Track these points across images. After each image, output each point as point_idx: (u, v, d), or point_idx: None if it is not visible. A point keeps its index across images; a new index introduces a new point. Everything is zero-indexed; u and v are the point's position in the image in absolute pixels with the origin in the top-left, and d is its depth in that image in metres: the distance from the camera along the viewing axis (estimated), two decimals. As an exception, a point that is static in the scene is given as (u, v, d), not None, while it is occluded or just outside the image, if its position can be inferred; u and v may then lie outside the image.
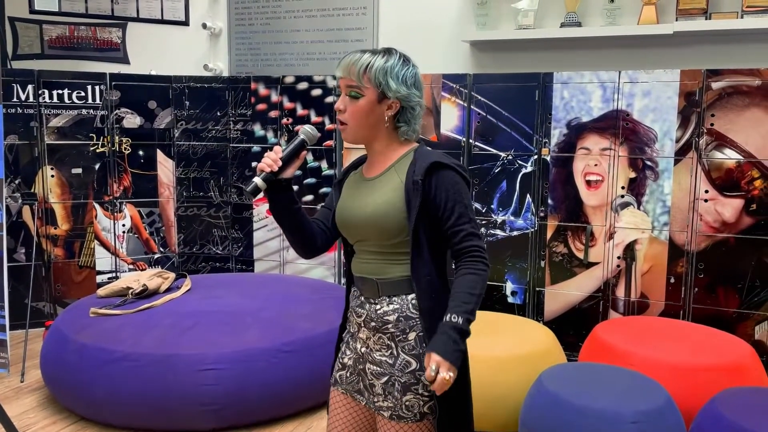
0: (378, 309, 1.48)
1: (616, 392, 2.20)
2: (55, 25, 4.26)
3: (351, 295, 1.60)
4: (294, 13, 4.29)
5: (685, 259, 3.10)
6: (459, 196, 1.42)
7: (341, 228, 1.56)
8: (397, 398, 1.45)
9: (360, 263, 1.53)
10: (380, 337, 1.48)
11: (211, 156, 4.11)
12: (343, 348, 1.60)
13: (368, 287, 1.51)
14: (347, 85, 1.45)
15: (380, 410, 1.48)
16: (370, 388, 1.50)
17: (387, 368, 1.47)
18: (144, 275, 3.17)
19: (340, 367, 1.59)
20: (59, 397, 2.81)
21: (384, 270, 1.48)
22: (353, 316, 1.57)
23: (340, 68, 1.46)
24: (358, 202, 1.51)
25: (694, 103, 3.02)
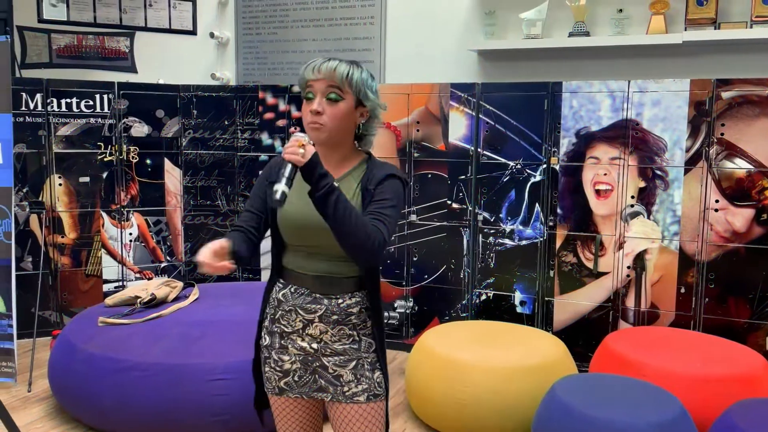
0: (341, 303, 1.54)
1: (630, 403, 2.18)
2: (63, 34, 4.28)
3: (286, 294, 1.57)
4: (301, 22, 4.30)
5: (696, 269, 3.09)
6: (393, 197, 1.49)
7: (293, 232, 1.55)
8: (370, 377, 1.55)
9: (314, 263, 1.55)
10: (341, 328, 1.55)
11: (219, 165, 4.11)
12: (274, 356, 1.58)
13: (327, 284, 1.54)
14: (329, 86, 1.47)
15: (355, 397, 1.53)
16: (337, 380, 1.54)
17: (353, 353, 1.55)
18: (152, 284, 3.16)
19: (281, 376, 1.58)
20: (67, 406, 2.79)
21: (346, 269, 1.55)
22: (298, 314, 1.55)
23: (315, 71, 1.47)
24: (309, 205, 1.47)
25: (704, 112, 3.02)
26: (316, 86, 1.48)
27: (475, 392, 2.56)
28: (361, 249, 1.39)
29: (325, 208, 1.37)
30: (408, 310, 3.68)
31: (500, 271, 3.45)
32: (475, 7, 3.83)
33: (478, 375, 2.57)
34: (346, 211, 1.37)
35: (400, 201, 1.52)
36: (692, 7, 3.24)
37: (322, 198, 1.36)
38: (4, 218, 3.12)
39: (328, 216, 1.37)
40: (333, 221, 1.37)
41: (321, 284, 1.55)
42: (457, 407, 2.59)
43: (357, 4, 4.15)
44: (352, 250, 1.41)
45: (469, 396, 2.56)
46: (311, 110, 1.48)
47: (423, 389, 2.72)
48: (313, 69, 1.48)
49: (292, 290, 1.57)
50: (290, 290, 1.57)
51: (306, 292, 1.55)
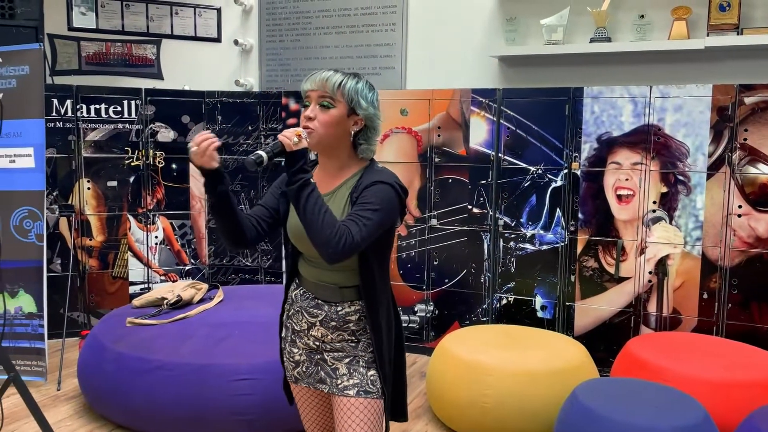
0: (339, 310, 1.61)
1: (653, 408, 2.18)
2: (92, 42, 4.39)
3: (297, 294, 1.67)
4: (323, 29, 4.36)
5: (719, 274, 3.08)
6: (377, 201, 1.49)
7: (296, 242, 1.64)
8: (363, 374, 1.61)
9: (318, 272, 1.62)
10: (340, 334, 1.62)
11: (243, 169, 4.18)
12: (288, 348, 1.70)
13: (329, 293, 1.62)
14: (320, 96, 1.54)
15: (345, 390, 1.60)
16: (333, 373, 1.62)
17: (350, 351, 1.62)
18: (178, 286, 3.23)
19: (294, 366, 1.69)
20: (96, 404, 2.86)
21: (345, 279, 1.61)
22: (304, 316, 1.64)
23: (311, 82, 1.55)
24: None
25: (726, 117, 3.02)
26: (311, 95, 1.55)
27: (497, 395, 2.58)
28: (327, 246, 1.41)
29: (297, 201, 1.42)
30: (428, 313, 3.70)
31: (521, 276, 3.46)
32: (496, 14, 3.86)
33: (500, 378, 2.59)
34: (316, 207, 1.42)
35: (387, 205, 1.50)
36: (714, 12, 3.24)
37: (296, 190, 1.42)
38: (37, 221, 3.21)
39: (299, 209, 1.42)
40: (303, 215, 1.42)
41: (321, 291, 1.63)
42: (478, 410, 2.61)
43: (378, 11, 4.20)
44: (319, 246, 1.43)
45: (490, 399, 2.58)
46: (304, 115, 1.56)
47: (444, 392, 2.74)
48: (310, 80, 1.56)
49: (301, 292, 1.67)
50: (300, 292, 1.67)
51: (310, 296, 1.64)
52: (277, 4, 4.47)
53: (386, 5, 4.17)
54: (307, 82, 1.57)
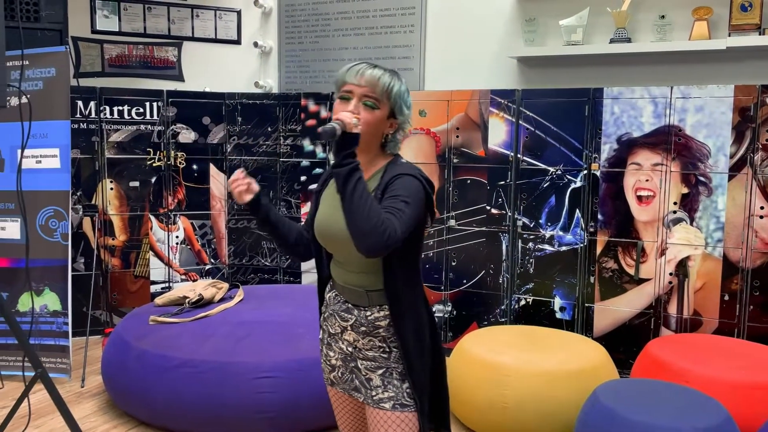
0: (369, 315, 1.56)
1: (674, 409, 2.18)
2: (115, 45, 4.46)
3: (330, 297, 1.65)
4: (342, 31, 4.39)
5: (740, 276, 3.05)
6: (406, 194, 1.43)
7: (323, 241, 1.58)
8: (398, 386, 1.53)
9: (345, 273, 1.58)
10: (371, 339, 1.56)
11: (262, 170, 4.22)
12: (325, 350, 1.67)
13: (357, 296, 1.57)
14: (366, 95, 1.48)
15: (381, 403, 1.52)
16: (367, 383, 1.56)
17: (382, 362, 1.55)
18: (199, 285, 3.27)
19: (330, 369, 1.65)
20: (119, 401, 2.91)
21: (373, 282, 1.54)
22: (336, 319, 1.61)
23: (357, 77, 1.48)
24: (334, 217, 1.52)
25: (748, 118, 3.00)
26: (356, 90, 1.48)
27: (516, 396, 2.58)
28: (370, 236, 1.32)
29: (345, 184, 1.34)
30: (446, 314, 3.71)
31: (539, 277, 3.46)
32: (515, 15, 3.87)
33: (519, 379, 2.59)
34: (363, 195, 1.34)
35: (416, 199, 1.44)
36: (736, 12, 3.22)
37: (347, 173, 1.35)
38: (62, 220, 3.27)
39: (346, 193, 1.34)
40: (349, 200, 1.34)
41: (351, 296, 1.58)
42: (497, 411, 2.61)
43: (397, 12, 4.22)
44: (361, 237, 1.34)
45: (509, 400, 2.59)
46: (348, 111, 1.46)
47: (463, 392, 2.75)
48: (356, 73, 1.49)
49: (333, 295, 1.64)
50: (333, 294, 1.64)
51: (341, 299, 1.61)
52: (296, 7, 4.51)
53: (405, 6, 4.19)
54: (352, 75, 1.49)
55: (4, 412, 2.90)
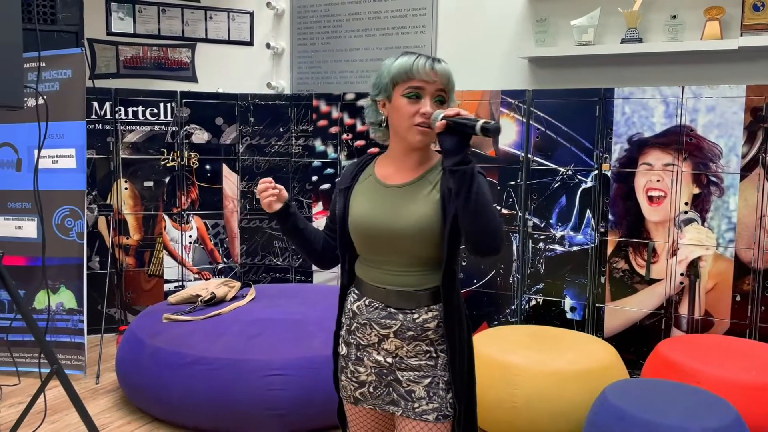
0: (417, 318, 1.47)
1: (683, 409, 2.18)
2: (129, 46, 4.51)
3: (361, 306, 1.53)
4: (354, 32, 4.42)
5: (752, 276, 3.04)
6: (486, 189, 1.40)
7: (366, 239, 1.49)
8: (443, 397, 1.47)
9: (386, 274, 1.49)
10: (417, 344, 1.48)
11: (274, 170, 4.26)
12: (351, 367, 1.54)
13: (404, 298, 1.48)
14: (439, 90, 1.42)
15: (424, 415, 1.46)
16: (409, 395, 1.48)
17: (429, 370, 1.48)
18: (212, 284, 3.31)
19: (357, 386, 1.54)
20: (133, 397, 2.95)
21: (421, 281, 1.48)
22: (373, 328, 1.50)
23: (435, 73, 1.40)
24: (391, 212, 1.46)
25: (760, 118, 2.98)
26: (427, 88, 1.41)
27: (526, 395, 2.59)
28: (497, 235, 1.32)
29: (472, 182, 1.31)
30: (457, 314, 3.72)
31: (550, 277, 3.46)
32: (526, 15, 3.87)
33: (529, 378, 2.60)
34: (487, 193, 1.32)
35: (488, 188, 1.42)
36: (748, 12, 3.20)
37: (473, 172, 1.32)
38: (78, 219, 3.32)
39: (473, 193, 1.31)
40: (477, 201, 1.31)
41: (396, 299, 1.48)
42: (508, 410, 2.62)
43: (408, 13, 4.24)
44: (490, 236, 1.32)
45: (519, 399, 2.60)
46: (423, 112, 1.41)
47: (473, 390, 2.76)
48: (428, 68, 1.40)
49: (366, 303, 1.52)
50: (364, 303, 1.52)
51: (380, 306, 1.49)
52: (308, 8, 4.54)
53: (416, 8, 4.21)
54: (422, 70, 1.39)
55: (20, 407, 2.95)
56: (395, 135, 1.50)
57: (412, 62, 1.40)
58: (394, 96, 1.44)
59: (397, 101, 1.44)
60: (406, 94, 1.42)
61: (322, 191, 4.14)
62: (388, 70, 1.45)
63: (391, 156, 1.55)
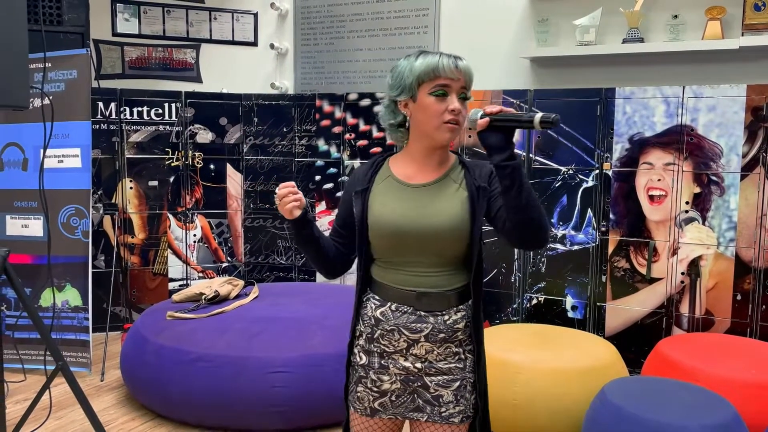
0: (447, 320, 1.47)
1: (682, 406, 2.19)
2: (135, 47, 4.55)
3: (385, 312, 1.49)
4: (357, 32, 4.44)
5: (753, 275, 3.05)
6: None
7: (392, 239, 1.46)
8: (468, 399, 1.48)
9: (414, 277, 1.47)
10: (448, 346, 1.48)
11: (277, 170, 4.29)
12: (372, 376, 1.50)
13: (436, 300, 1.46)
14: (463, 87, 1.43)
15: (451, 418, 1.47)
16: (436, 400, 1.47)
17: (458, 373, 1.48)
18: (215, 282, 3.34)
19: (377, 396, 1.49)
20: (137, 394, 2.98)
21: (450, 281, 1.47)
22: (402, 334, 1.47)
23: (459, 70, 1.41)
24: (420, 211, 1.45)
25: (761, 118, 2.99)
26: (453, 85, 1.41)
27: (526, 393, 2.61)
28: (544, 228, 1.34)
29: (522, 177, 1.32)
30: (459, 312, 3.74)
31: (551, 276, 3.48)
32: (528, 15, 3.89)
33: (530, 376, 2.62)
34: (531, 188, 1.34)
35: None
36: (749, 12, 3.21)
37: (520, 166, 1.33)
38: (83, 218, 3.36)
39: (525, 188, 1.32)
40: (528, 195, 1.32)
41: (426, 301, 1.46)
42: (508, 407, 2.64)
43: (411, 14, 4.26)
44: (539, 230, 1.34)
45: (520, 397, 2.61)
46: (452, 109, 1.41)
47: (474, 388, 2.78)
48: (452, 67, 1.40)
49: (392, 308, 1.47)
50: (390, 308, 1.48)
51: (409, 310, 1.46)
52: (311, 9, 4.57)
53: (419, 8, 4.23)
54: (447, 68, 1.40)
55: (26, 404, 2.99)
56: (419, 134, 1.47)
57: (437, 61, 1.40)
58: (420, 95, 1.43)
59: (424, 99, 1.42)
60: (433, 92, 1.41)
61: (326, 190, 4.17)
62: (410, 69, 1.43)
63: (410, 156, 1.52)
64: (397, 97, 1.47)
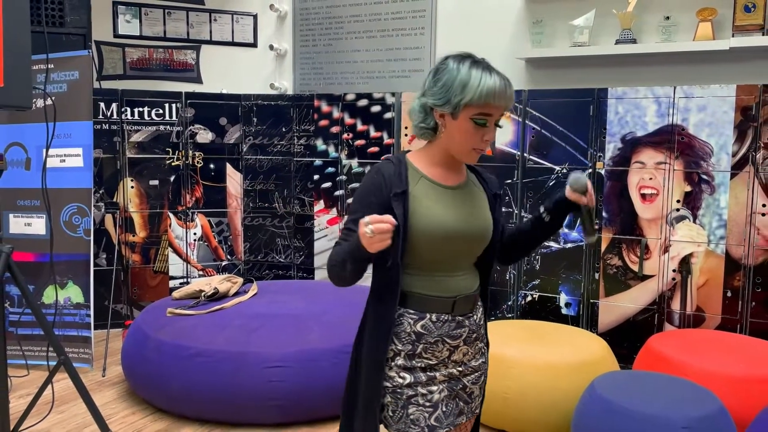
0: (477, 319, 1.52)
1: (668, 399, 2.24)
2: (136, 48, 4.61)
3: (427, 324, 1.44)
4: (355, 34, 4.50)
5: (742, 272, 3.10)
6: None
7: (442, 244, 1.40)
8: (483, 389, 1.58)
9: (454, 281, 1.45)
10: (477, 344, 1.54)
11: (276, 169, 4.34)
12: (422, 390, 1.43)
13: (470, 302, 1.49)
14: (502, 112, 1.41)
15: (476, 410, 1.55)
16: (470, 397, 1.51)
17: (482, 367, 1.56)
18: (215, 279, 3.40)
19: (431, 411, 1.43)
20: (138, 389, 3.04)
21: (476, 281, 1.52)
22: (445, 343, 1.45)
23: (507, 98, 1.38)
24: (467, 214, 1.44)
25: (750, 117, 3.04)
26: (496, 114, 1.38)
27: (518, 387, 2.66)
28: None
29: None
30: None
31: (545, 273, 3.53)
32: (523, 17, 3.94)
33: (522, 371, 2.67)
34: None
35: None
36: (740, 13, 3.26)
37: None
38: (84, 216, 3.42)
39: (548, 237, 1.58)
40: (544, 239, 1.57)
41: (463, 305, 1.46)
42: (500, 401, 2.70)
43: (408, 15, 4.32)
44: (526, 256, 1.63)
45: (511, 390, 2.67)
46: (487, 139, 1.40)
47: (467, 383, 2.83)
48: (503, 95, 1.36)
49: (433, 319, 1.43)
50: (430, 320, 1.43)
51: (449, 318, 1.44)
52: (310, 10, 4.63)
53: (415, 10, 4.28)
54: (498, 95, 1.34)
55: (29, 398, 3.05)
56: (446, 145, 1.44)
57: (493, 88, 1.34)
58: (461, 115, 1.37)
59: (463, 123, 1.37)
60: (476, 120, 1.36)
61: (324, 189, 4.22)
62: (462, 87, 1.36)
63: (432, 156, 1.48)
64: (439, 108, 1.40)
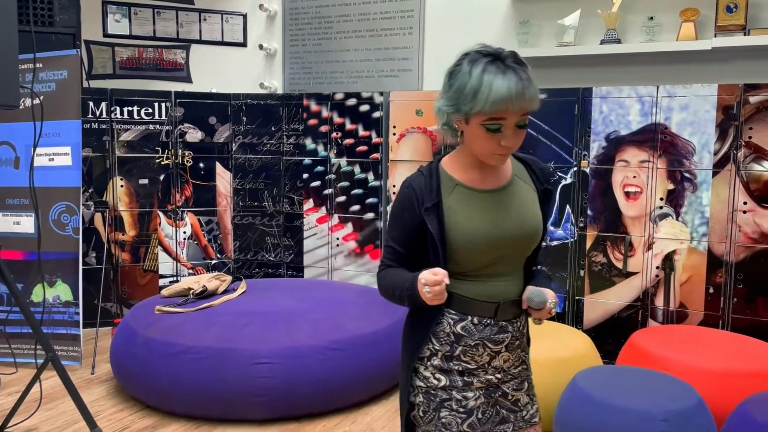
0: (520, 326, 1.46)
1: (648, 392, 2.28)
2: (125, 48, 4.63)
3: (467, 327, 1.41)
4: (344, 33, 4.53)
5: (724, 269, 3.15)
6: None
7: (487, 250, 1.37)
8: (535, 395, 1.52)
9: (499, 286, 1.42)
10: (518, 352, 1.48)
11: (266, 168, 4.37)
12: (457, 395, 1.41)
13: (514, 309, 1.44)
14: (524, 114, 1.29)
15: (533, 419, 1.47)
16: (515, 405, 1.46)
17: (524, 373, 1.49)
18: (203, 278, 3.42)
19: (465, 417, 1.40)
20: (126, 386, 3.06)
21: (521, 286, 1.45)
22: (485, 348, 1.42)
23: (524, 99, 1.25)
24: (513, 216, 1.39)
25: (731, 116, 3.09)
26: (511, 118, 1.27)
27: (502, 382, 2.69)
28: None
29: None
30: (443, 307, 3.82)
31: (532, 271, 3.57)
32: (509, 17, 3.98)
33: (505, 365, 2.71)
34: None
35: None
36: (722, 14, 3.31)
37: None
38: (73, 215, 3.43)
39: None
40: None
41: (507, 310, 1.42)
42: (484, 396, 2.73)
43: (396, 15, 4.35)
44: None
45: (496, 385, 2.70)
46: (504, 145, 1.30)
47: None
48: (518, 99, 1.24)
49: (474, 322, 1.40)
50: (472, 322, 1.40)
51: (491, 322, 1.41)
52: (300, 10, 4.65)
53: (404, 10, 4.32)
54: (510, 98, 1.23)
55: (17, 395, 3.06)
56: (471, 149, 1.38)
57: (507, 94, 1.23)
58: (472, 122, 1.30)
59: (475, 129, 1.31)
60: (487, 126, 1.28)
61: (313, 188, 4.25)
62: (473, 93, 1.26)
63: (467, 158, 1.41)
64: (452, 114, 1.34)
